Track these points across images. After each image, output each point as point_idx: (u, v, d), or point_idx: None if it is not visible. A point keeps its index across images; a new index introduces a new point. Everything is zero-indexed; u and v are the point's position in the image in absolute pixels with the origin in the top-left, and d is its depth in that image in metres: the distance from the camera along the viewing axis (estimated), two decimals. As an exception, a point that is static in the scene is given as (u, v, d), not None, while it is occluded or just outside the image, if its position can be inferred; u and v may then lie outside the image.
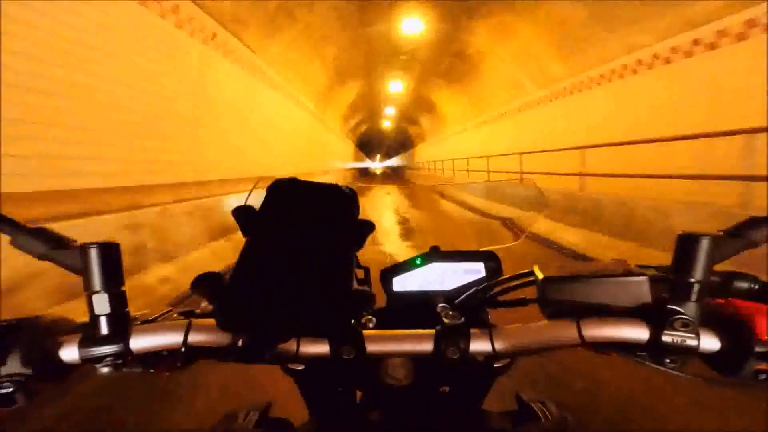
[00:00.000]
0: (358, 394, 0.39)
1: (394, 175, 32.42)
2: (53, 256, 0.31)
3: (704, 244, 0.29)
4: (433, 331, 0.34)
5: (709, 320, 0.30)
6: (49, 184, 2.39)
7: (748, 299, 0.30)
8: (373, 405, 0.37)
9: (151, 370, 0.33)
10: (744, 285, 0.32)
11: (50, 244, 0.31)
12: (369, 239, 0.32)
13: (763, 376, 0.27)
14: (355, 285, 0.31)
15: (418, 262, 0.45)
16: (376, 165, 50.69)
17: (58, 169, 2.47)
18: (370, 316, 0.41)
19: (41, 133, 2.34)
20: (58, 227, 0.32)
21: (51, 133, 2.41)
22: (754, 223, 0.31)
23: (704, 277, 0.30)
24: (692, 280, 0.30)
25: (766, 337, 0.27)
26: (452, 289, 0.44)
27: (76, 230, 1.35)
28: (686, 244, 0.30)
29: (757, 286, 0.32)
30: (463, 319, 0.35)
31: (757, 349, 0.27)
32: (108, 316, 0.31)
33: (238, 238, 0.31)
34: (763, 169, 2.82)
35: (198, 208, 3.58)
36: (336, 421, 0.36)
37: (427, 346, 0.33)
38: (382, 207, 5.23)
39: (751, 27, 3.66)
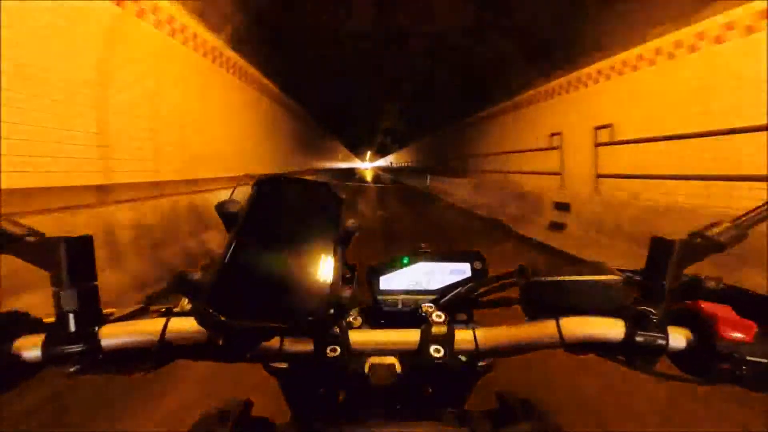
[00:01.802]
0: (342, 393, 0.38)
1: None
2: (18, 250, 0.29)
3: (675, 248, 0.31)
4: (418, 330, 0.34)
5: (677, 321, 0.32)
6: None
7: (713, 300, 0.32)
8: (357, 404, 0.37)
9: (124, 370, 0.31)
10: (710, 287, 0.34)
11: (15, 237, 0.30)
12: None
13: (724, 374, 0.29)
14: (341, 283, 0.31)
15: (404, 261, 0.45)
16: (366, 165, 34.65)
17: None
18: (355, 315, 0.40)
19: None
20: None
21: None
22: (721, 227, 0.33)
23: (674, 279, 0.31)
24: (663, 282, 0.31)
25: (728, 337, 0.29)
26: (438, 289, 0.45)
27: None
28: (658, 248, 0.32)
29: (721, 288, 0.34)
30: (448, 318, 0.36)
31: (720, 348, 0.29)
32: (76, 312, 0.29)
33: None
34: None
35: None
36: (318, 421, 0.36)
37: (412, 345, 0.33)
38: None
39: None
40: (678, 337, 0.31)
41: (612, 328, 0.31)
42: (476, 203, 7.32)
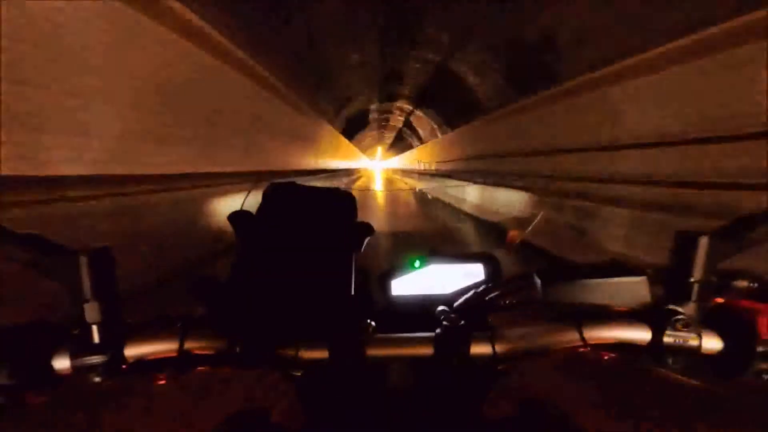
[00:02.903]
0: (357, 399, 0.38)
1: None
2: (42, 264, 0.31)
3: (703, 243, 0.29)
4: (432, 334, 0.34)
5: (710, 321, 0.30)
6: None
7: (749, 298, 0.30)
8: (373, 410, 0.36)
9: (146, 378, 0.32)
10: (745, 284, 0.32)
11: (38, 251, 0.31)
12: None
13: (766, 377, 0.27)
14: (354, 289, 0.31)
15: (416, 264, 0.45)
16: (375, 164, 24.85)
17: None
18: (369, 320, 0.40)
19: None
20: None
21: None
22: (753, 220, 0.31)
23: (704, 276, 0.30)
24: (692, 279, 0.30)
25: None
26: (451, 292, 0.44)
27: None
28: (684, 243, 0.30)
29: (757, 285, 0.32)
30: (462, 322, 0.35)
31: (760, 349, 0.27)
32: (100, 324, 0.30)
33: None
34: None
35: None
36: (335, 427, 0.35)
37: (427, 350, 0.33)
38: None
39: None
40: (712, 339, 0.29)
41: (637, 330, 0.30)
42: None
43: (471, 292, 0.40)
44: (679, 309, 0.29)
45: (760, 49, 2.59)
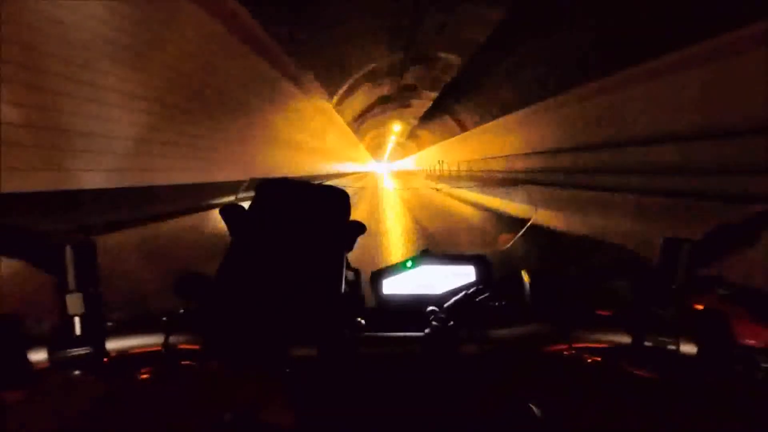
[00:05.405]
0: (346, 398, 0.38)
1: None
2: (25, 254, 0.30)
3: (685, 249, 0.30)
4: (422, 334, 0.34)
5: (688, 325, 0.31)
6: None
7: (726, 303, 0.31)
8: (362, 408, 0.36)
9: (129, 375, 0.31)
10: (722, 289, 0.33)
11: (21, 241, 0.30)
12: None
13: (737, 380, 0.28)
14: (345, 287, 0.31)
15: (408, 264, 0.45)
16: (381, 168, 22.20)
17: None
18: (359, 319, 0.40)
19: None
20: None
21: None
22: (734, 229, 0.32)
23: (685, 281, 0.31)
24: (673, 285, 0.31)
25: (743, 342, 0.28)
26: (442, 293, 0.44)
27: None
28: (668, 249, 0.31)
29: (735, 291, 0.33)
30: (452, 322, 0.35)
31: (735, 353, 0.28)
32: (82, 316, 0.29)
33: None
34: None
35: None
36: (325, 425, 0.35)
37: (416, 350, 0.33)
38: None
39: None
40: (689, 343, 0.30)
41: (620, 332, 0.31)
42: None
43: (461, 293, 0.41)
44: (660, 313, 0.30)
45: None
